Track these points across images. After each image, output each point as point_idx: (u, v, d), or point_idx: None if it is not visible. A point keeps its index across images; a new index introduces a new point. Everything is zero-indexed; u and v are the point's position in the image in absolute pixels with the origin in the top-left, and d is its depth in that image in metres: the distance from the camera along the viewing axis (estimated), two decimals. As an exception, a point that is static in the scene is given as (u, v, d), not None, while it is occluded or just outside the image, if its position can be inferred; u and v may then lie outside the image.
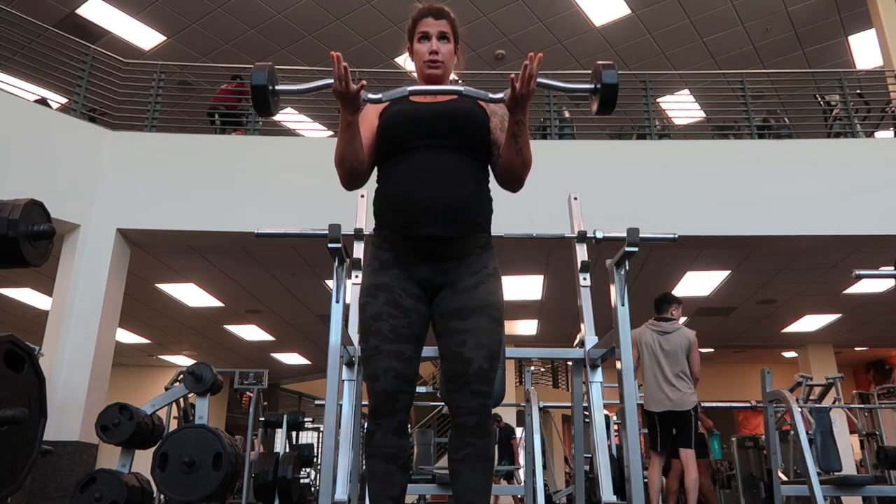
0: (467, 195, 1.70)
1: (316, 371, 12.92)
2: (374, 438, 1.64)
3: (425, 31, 1.83)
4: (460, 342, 1.64)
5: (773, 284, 8.08)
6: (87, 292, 5.74)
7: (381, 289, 1.68)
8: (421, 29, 1.84)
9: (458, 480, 1.62)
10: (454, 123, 1.74)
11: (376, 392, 1.63)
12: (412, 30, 1.88)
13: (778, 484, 4.30)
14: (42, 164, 5.79)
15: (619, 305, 2.30)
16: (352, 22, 9.06)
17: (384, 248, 1.73)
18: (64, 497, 5.06)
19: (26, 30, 6.74)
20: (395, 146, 1.75)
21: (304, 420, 6.88)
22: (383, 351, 1.63)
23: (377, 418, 1.63)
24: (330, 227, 2.31)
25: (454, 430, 1.65)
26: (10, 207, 2.71)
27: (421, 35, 1.84)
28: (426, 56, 1.82)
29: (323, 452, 2.15)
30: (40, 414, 2.75)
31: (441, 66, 1.83)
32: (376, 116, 1.80)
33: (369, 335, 1.66)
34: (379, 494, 1.62)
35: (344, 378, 2.48)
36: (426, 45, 1.82)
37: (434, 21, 1.84)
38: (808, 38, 9.35)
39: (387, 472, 1.63)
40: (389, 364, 1.63)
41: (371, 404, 1.64)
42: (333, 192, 6.37)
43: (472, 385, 1.61)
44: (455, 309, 1.67)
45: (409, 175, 1.70)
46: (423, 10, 1.85)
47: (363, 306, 1.69)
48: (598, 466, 2.34)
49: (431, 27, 1.83)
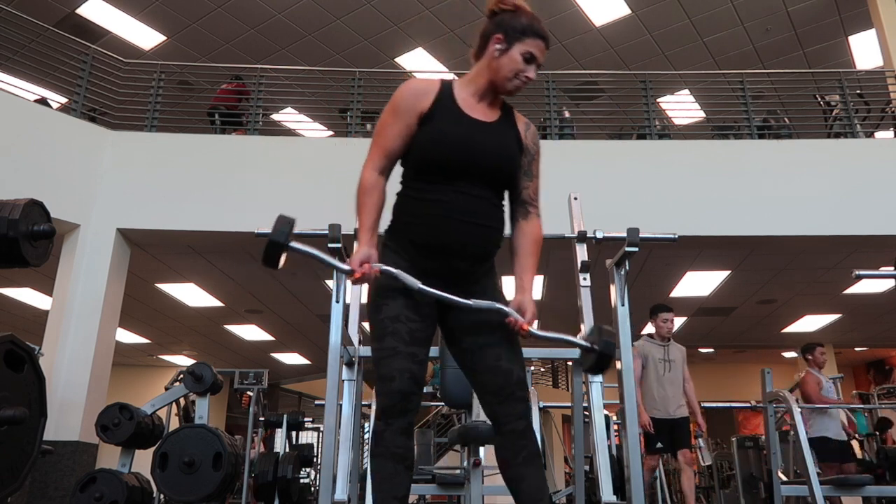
0: (498, 233, 1.77)
1: (316, 371, 12.92)
2: (384, 438, 1.64)
3: (534, 54, 1.73)
4: (496, 356, 1.70)
5: (773, 284, 8.08)
6: (87, 292, 5.74)
7: (400, 292, 1.69)
8: (533, 50, 1.73)
9: (523, 482, 1.67)
10: (502, 166, 1.76)
11: (391, 392, 1.63)
12: (519, 31, 1.73)
13: (778, 484, 4.30)
14: (42, 164, 5.79)
15: (619, 305, 2.31)
16: (352, 22, 9.06)
17: (402, 255, 1.73)
18: (64, 497, 5.06)
19: (26, 30, 6.73)
20: (439, 169, 1.71)
21: (304, 420, 6.88)
22: (400, 352, 1.65)
23: (388, 418, 1.64)
24: (330, 227, 2.32)
25: (505, 438, 1.70)
26: (10, 207, 2.71)
27: (529, 55, 1.73)
28: (521, 76, 1.74)
29: (323, 452, 2.15)
30: (40, 414, 2.75)
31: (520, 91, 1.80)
32: (415, 118, 1.73)
33: (386, 336, 1.66)
34: (386, 494, 1.63)
35: (344, 378, 2.48)
36: (526, 68, 1.74)
37: (543, 48, 1.76)
38: (808, 38, 9.35)
39: (395, 472, 1.63)
40: (405, 365, 1.64)
41: (382, 404, 1.65)
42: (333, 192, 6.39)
43: (516, 393, 1.69)
44: (479, 324, 1.72)
45: (449, 202, 1.70)
46: (542, 28, 1.76)
47: (378, 307, 1.69)
48: (598, 466, 2.34)
49: (539, 54, 1.75)
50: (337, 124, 8.81)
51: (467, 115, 1.74)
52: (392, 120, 1.74)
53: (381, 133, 1.76)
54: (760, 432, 8.53)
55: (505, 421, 1.69)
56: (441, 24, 9.08)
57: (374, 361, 1.68)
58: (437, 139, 1.70)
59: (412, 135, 1.73)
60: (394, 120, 1.74)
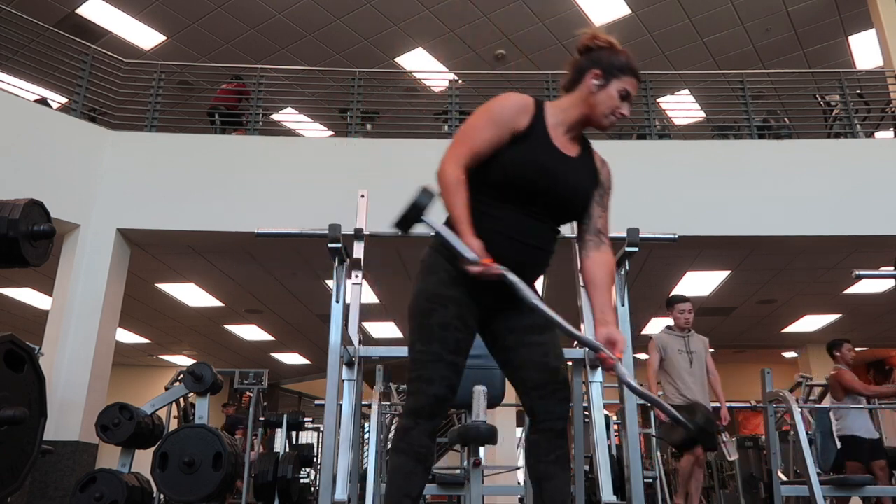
0: (551, 257, 1.84)
1: (316, 371, 12.91)
2: (410, 436, 1.68)
3: (629, 91, 1.79)
4: (543, 353, 1.76)
5: (773, 284, 8.08)
6: (87, 292, 5.74)
7: (452, 301, 1.72)
8: (628, 87, 1.78)
9: (550, 481, 1.72)
10: (576, 202, 1.81)
11: (427, 394, 1.68)
12: (617, 69, 1.79)
13: (778, 484, 4.30)
14: (42, 164, 5.79)
15: (619, 305, 2.31)
16: (352, 22, 9.06)
17: (454, 262, 1.71)
18: (64, 497, 5.06)
19: (26, 30, 6.73)
20: (517, 193, 1.74)
21: (304, 420, 6.88)
22: (445, 360, 1.69)
23: (419, 418, 1.68)
24: (330, 227, 2.32)
25: (542, 435, 1.75)
26: (10, 207, 2.71)
27: (625, 92, 1.78)
28: (617, 112, 1.79)
29: (323, 452, 2.14)
30: (40, 414, 2.75)
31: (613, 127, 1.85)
32: (509, 133, 1.73)
33: (433, 341, 1.69)
34: (399, 490, 1.66)
35: (344, 378, 2.48)
36: (621, 104, 1.79)
37: (637, 86, 1.82)
38: (808, 38, 9.35)
39: (413, 471, 1.67)
40: (446, 373, 1.69)
41: (416, 404, 1.69)
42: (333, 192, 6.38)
43: (560, 392, 1.75)
44: (529, 325, 1.78)
45: (517, 223, 1.73)
46: (636, 69, 1.82)
47: (429, 311, 1.72)
48: (598, 466, 2.34)
49: (633, 91, 1.81)
50: (337, 124, 8.81)
51: (556, 148, 1.77)
52: (487, 126, 1.73)
53: (472, 135, 1.73)
54: (760, 432, 8.53)
55: (544, 418, 1.74)
56: (441, 24, 9.08)
57: (414, 361, 1.72)
58: (527, 166, 1.71)
59: (500, 148, 1.73)
60: (489, 126, 1.72)
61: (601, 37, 1.82)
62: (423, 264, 1.82)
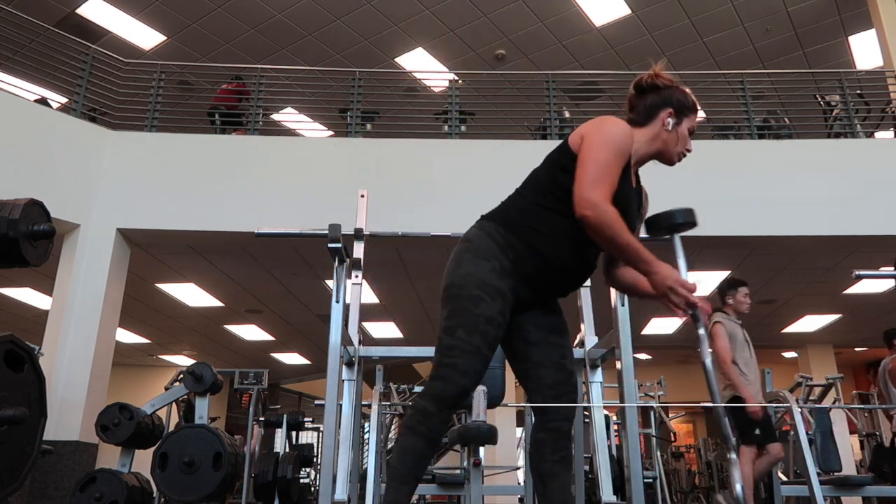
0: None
1: (316, 371, 12.92)
2: (431, 421, 1.67)
3: (694, 129, 1.91)
4: (562, 355, 1.82)
5: (773, 284, 8.07)
6: (87, 292, 5.74)
7: (500, 294, 1.71)
8: (694, 125, 1.90)
9: (555, 480, 1.77)
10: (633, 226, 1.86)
11: (458, 384, 1.66)
12: (688, 108, 1.89)
13: (778, 484, 4.31)
14: (42, 164, 5.79)
15: (619, 305, 2.31)
16: (352, 22, 9.06)
17: (507, 253, 1.74)
18: (64, 497, 5.06)
19: (26, 30, 6.74)
20: None
21: (304, 420, 6.88)
22: (481, 354, 1.68)
23: (442, 404, 1.67)
24: (330, 227, 2.32)
25: (549, 434, 1.79)
26: (10, 207, 2.71)
27: (693, 130, 1.90)
28: (686, 148, 1.92)
29: (323, 452, 2.14)
30: (40, 414, 2.75)
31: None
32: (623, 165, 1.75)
33: (476, 333, 1.67)
34: (410, 471, 1.66)
35: (344, 378, 2.48)
36: (690, 142, 1.91)
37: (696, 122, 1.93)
38: (808, 38, 9.35)
39: (426, 454, 1.67)
40: (479, 368, 1.68)
41: (443, 391, 1.67)
42: (333, 192, 6.39)
43: (573, 394, 1.81)
44: (553, 325, 1.84)
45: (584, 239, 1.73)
46: (698, 108, 1.93)
47: (476, 300, 1.68)
48: (598, 466, 2.35)
49: (696, 128, 1.92)
50: (337, 124, 8.81)
51: (631, 179, 1.83)
52: (618, 160, 1.72)
53: (611, 171, 1.70)
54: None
55: (554, 417, 1.78)
56: (441, 24, 9.08)
57: (450, 347, 1.67)
58: (619, 203, 1.70)
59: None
60: (619, 161, 1.72)
61: (664, 75, 1.88)
62: (472, 245, 1.77)
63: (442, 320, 1.73)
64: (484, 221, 1.80)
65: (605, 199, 1.64)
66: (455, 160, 6.48)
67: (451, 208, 5.82)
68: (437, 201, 6.11)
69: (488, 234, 1.76)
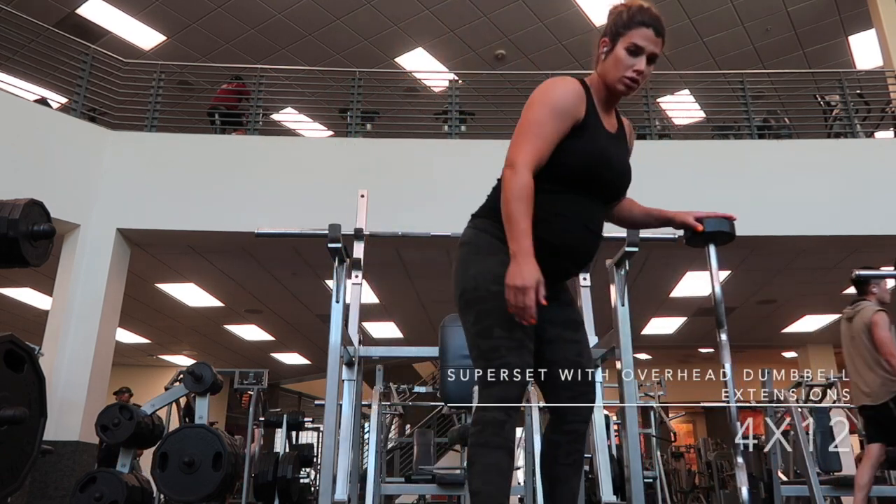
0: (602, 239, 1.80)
1: (316, 371, 12.91)
2: (505, 430, 1.52)
3: (641, 45, 1.63)
4: (577, 352, 1.73)
5: (773, 284, 8.07)
6: (87, 292, 5.74)
7: None
8: (636, 40, 1.62)
9: (566, 485, 1.68)
10: (626, 183, 1.80)
11: (518, 384, 1.53)
12: (621, 26, 1.64)
13: (778, 484, 4.31)
14: (42, 164, 5.78)
15: (619, 305, 2.30)
16: (352, 22, 9.05)
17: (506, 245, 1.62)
18: (64, 497, 5.06)
19: (26, 30, 6.73)
20: (584, 183, 1.68)
21: (304, 420, 6.88)
22: (526, 347, 1.57)
23: (510, 409, 1.53)
24: (330, 227, 2.32)
25: (564, 436, 1.69)
26: (10, 207, 2.71)
27: (633, 47, 1.63)
28: (629, 72, 1.64)
29: (323, 452, 2.14)
30: (40, 414, 2.75)
31: (635, 88, 1.69)
32: (570, 124, 1.63)
33: (515, 327, 1.54)
34: (500, 491, 1.50)
35: (344, 378, 2.48)
36: (633, 61, 1.63)
37: (654, 38, 1.64)
38: (808, 38, 9.35)
39: (510, 468, 1.54)
40: (529, 360, 1.58)
41: (506, 394, 1.53)
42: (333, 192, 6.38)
43: (590, 395, 1.72)
44: (566, 320, 1.75)
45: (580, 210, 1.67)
46: (647, 16, 1.64)
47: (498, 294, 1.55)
48: (598, 466, 2.34)
49: (648, 44, 1.64)
50: (337, 124, 8.81)
51: (606, 130, 1.71)
52: (550, 120, 1.59)
53: (537, 132, 1.59)
54: (760, 432, 8.51)
55: (572, 419, 1.69)
56: (441, 24, 9.08)
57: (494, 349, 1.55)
58: (593, 157, 1.64)
59: (561, 140, 1.62)
60: (552, 120, 1.59)
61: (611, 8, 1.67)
62: (472, 245, 1.68)
63: (471, 327, 1.61)
64: (476, 220, 1.74)
65: (523, 164, 1.55)
66: (455, 160, 6.48)
67: (451, 208, 5.79)
68: (437, 201, 6.11)
69: (483, 230, 1.69)
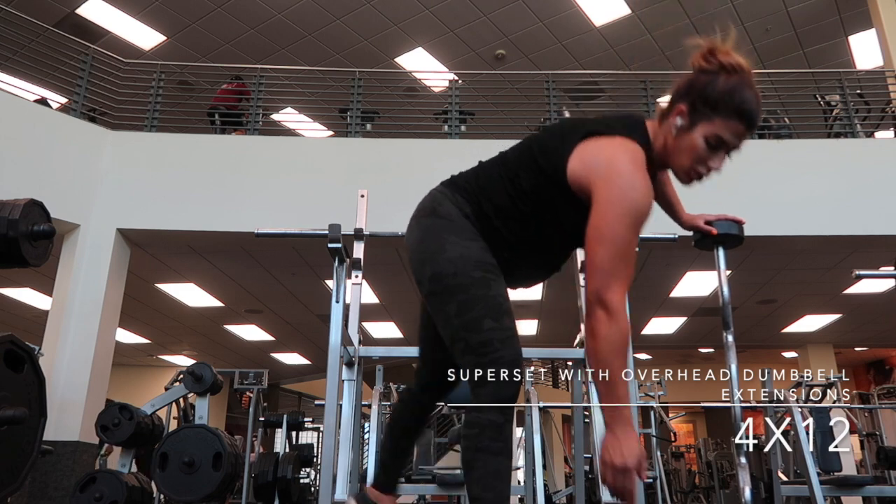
0: None
1: (316, 371, 12.91)
2: (505, 433, 1.37)
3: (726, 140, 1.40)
4: None
5: (773, 284, 8.07)
6: (87, 292, 5.74)
7: (496, 268, 1.48)
8: (723, 133, 1.38)
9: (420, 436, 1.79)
10: None
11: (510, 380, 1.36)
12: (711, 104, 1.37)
13: (778, 484, 4.30)
14: (42, 164, 5.78)
15: (619, 305, 2.30)
16: (352, 22, 9.05)
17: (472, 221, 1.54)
18: (64, 497, 5.06)
19: (26, 30, 6.73)
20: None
21: (304, 420, 6.88)
22: (517, 336, 1.43)
23: (507, 410, 1.37)
24: (330, 227, 2.31)
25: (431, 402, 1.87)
26: (10, 207, 2.71)
27: (716, 141, 1.39)
28: (701, 167, 1.46)
29: (323, 452, 2.14)
30: (40, 414, 2.75)
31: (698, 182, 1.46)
32: None
33: (502, 315, 1.40)
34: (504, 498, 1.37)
35: (344, 378, 2.48)
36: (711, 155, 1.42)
37: (745, 133, 1.41)
38: (808, 38, 9.34)
39: (510, 470, 1.42)
40: (521, 350, 1.43)
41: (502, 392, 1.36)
42: (333, 192, 6.38)
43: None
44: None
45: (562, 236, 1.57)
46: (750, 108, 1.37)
47: (486, 282, 1.43)
48: (598, 466, 2.34)
49: (736, 140, 1.41)
50: (337, 124, 8.81)
51: None
52: (637, 232, 1.36)
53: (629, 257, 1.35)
54: (760, 432, 8.51)
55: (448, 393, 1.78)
56: (441, 24, 9.07)
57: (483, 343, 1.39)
58: None
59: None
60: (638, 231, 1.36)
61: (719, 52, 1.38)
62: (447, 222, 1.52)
63: (453, 318, 1.42)
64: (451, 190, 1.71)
65: (622, 301, 1.30)
66: (455, 160, 6.43)
67: (451, 208, 5.81)
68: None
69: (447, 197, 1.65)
